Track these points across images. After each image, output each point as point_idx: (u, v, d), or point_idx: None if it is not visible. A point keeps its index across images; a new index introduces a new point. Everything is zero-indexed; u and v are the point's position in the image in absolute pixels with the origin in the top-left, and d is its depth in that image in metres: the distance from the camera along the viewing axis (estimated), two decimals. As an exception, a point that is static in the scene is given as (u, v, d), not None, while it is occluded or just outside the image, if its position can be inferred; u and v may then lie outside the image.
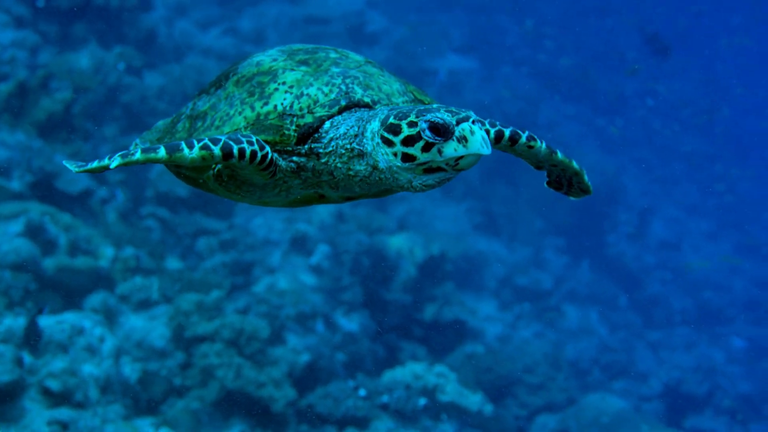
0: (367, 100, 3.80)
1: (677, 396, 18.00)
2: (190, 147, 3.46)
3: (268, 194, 3.95)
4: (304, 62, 3.90)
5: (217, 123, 3.85)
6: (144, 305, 12.05)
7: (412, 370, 12.93)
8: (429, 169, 3.46)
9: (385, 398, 12.65)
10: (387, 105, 3.84)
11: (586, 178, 4.28)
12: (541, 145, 4.09)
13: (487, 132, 4.03)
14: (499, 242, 19.58)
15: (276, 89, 3.79)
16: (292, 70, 3.85)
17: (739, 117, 32.90)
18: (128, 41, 16.46)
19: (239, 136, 3.58)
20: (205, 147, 3.48)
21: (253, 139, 3.59)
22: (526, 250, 19.89)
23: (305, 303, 13.41)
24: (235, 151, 3.49)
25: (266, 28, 21.62)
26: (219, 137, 3.54)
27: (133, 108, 15.35)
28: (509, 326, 17.27)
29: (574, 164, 4.22)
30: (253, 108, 3.78)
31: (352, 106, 3.75)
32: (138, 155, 3.34)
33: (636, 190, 25.05)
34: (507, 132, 4.03)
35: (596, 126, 26.88)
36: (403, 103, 3.93)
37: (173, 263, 13.41)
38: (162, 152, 3.40)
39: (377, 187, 3.81)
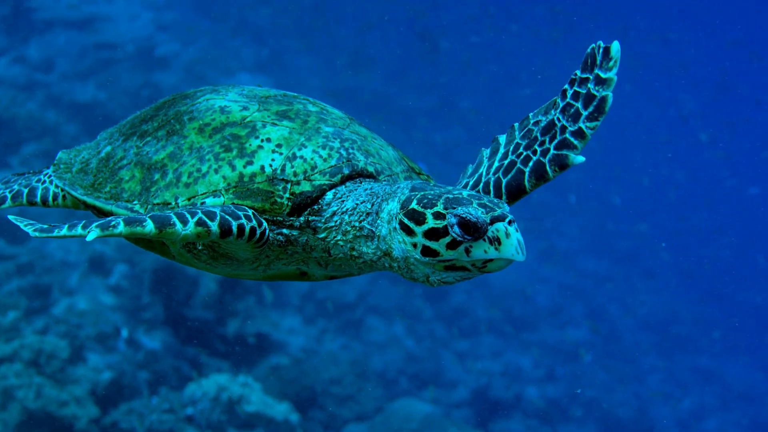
0: (370, 169, 3.52)
1: (485, 401, 18.54)
2: (184, 222, 3.13)
3: (244, 268, 3.64)
4: (284, 115, 3.61)
5: (185, 179, 3.47)
6: (-62, 330, 12.32)
7: (216, 382, 13.33)
8: (451, 267, 3.17)
9: (189, 411, 13.08)
10: (390, 176, 3.58)
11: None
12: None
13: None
14: (301, 257, 19.83)
15: (260, 146, 3.45)
16: (274, 124, 3.54)
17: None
18: None
19: (234, 209, 3.29)
20: (201, 223, 3.16)
21: (250, 213, 3.30)
22: (329, 264, 20.09)
23: (105, 323, 13.76)
24: (234, 228, 3.22)
25: (56, 57, 21.79)
26: (213, 210, 3.24)
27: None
28: (314, 340, 17.51)
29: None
30: (233, 167, 3.42)
31: (356, 175, 3.47)
32: (121, 228, 3.03)
33: (438, 203, 25.58)
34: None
35: (396, 140, 27.53)
36: (402, 172, 3.70)
37: (-32, 289, 13.65)
38: (150, 227, 3.07)
39: (378, 270, 3.52)
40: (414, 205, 3.16)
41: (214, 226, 3.15)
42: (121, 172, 3.68)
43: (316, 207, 3.39)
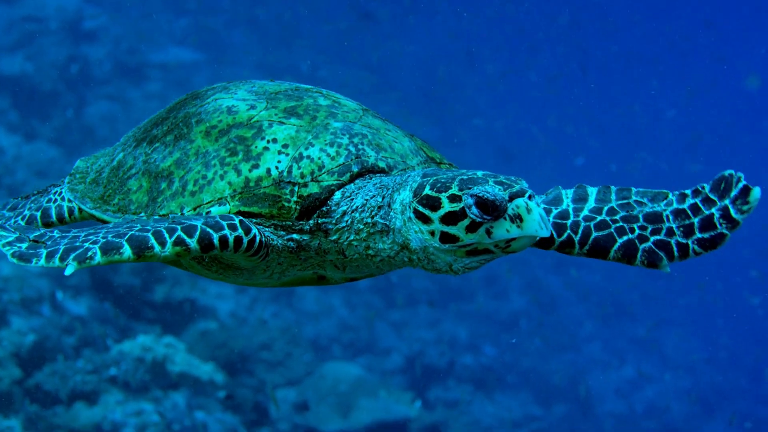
0: (381, 164, 3.35)
1: (419, 368, 18.61)
2: (162, 243, 2.97)
3: (257, 277, 3.52)
4: (292, 112, 3.44)
5: (191, 187, 3.32)
6: None
7: (140, 343, 13.45)
8: (473, 251, 3.03)
9: (113, 371, 13.17)
10: (404, 170, 3.40)
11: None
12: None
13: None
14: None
15: (266, 148, 3.30)
16: (281, 123, 3.39)
17: (461, 100, 34.34)
18: None
19: (218, 219, 3.12)
20: (179, 242, 3.01)
21: (236, 221, 3.13)
22: (260, 234, 19.97)
23: (30, 288, 13.87)
24: (216, 241, 3.06)
25: (-17, 32, 21.79)
26: (195, 224, 3.06)
27: None
28: (246, 308, 17.41)
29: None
30: (239, 171, 3.27)
31: (366, 172, 3.31)
32: (98, 258, 2.89)
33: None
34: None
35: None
36: (418, 165, 3.49)
37: None
38: (128, 252, 2.92)
39: (398, 267, 3.38)
40: (427, 190, 3.03)
41: (192, 243, 3.02)
42: (130, 182, 3.54)
43: (325, 209, 3.25)
